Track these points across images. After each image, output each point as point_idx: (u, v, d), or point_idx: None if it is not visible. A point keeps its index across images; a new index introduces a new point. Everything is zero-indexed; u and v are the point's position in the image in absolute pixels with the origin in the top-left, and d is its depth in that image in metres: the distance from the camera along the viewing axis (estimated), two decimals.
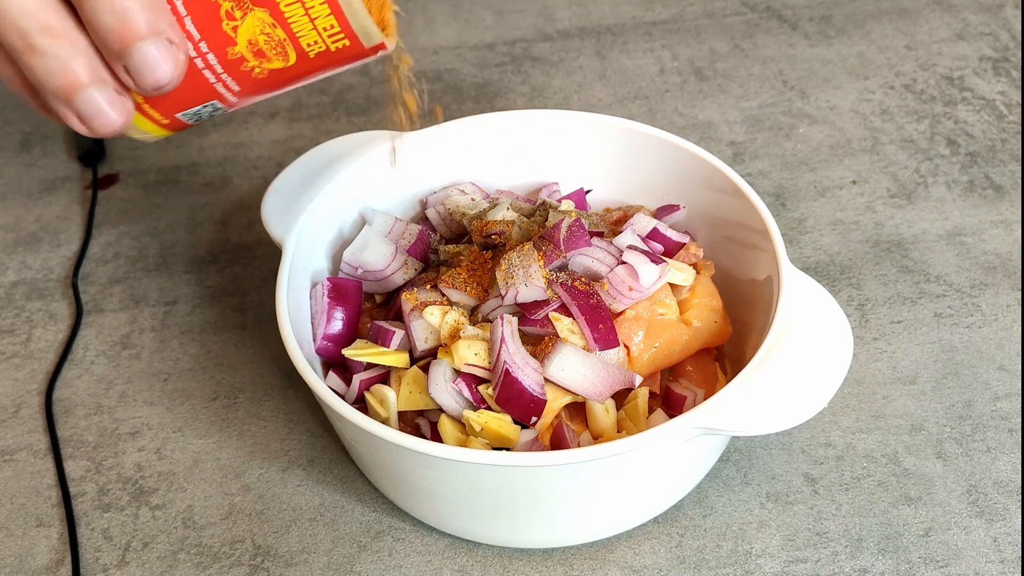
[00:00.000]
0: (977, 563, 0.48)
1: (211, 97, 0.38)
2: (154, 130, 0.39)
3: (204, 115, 0.39)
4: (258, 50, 0.36)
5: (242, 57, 0.36)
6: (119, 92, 0.35)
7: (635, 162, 0.58)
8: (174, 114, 0.38)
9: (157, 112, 0.38)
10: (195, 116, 0.39)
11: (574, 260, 0.49)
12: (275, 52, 0.36)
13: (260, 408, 0.57)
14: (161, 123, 0.39)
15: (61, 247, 0.67)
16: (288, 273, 0.50)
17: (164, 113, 0.38)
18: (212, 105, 0.38)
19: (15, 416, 0.57)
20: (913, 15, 0.86)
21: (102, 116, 0.34)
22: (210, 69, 0.36)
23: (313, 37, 0.36)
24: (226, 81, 0.37)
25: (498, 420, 0.45)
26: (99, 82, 0.34)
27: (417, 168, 0.59)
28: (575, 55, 0.83)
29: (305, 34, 0.36)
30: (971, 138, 0.73)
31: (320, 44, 0.36)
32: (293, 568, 0.49)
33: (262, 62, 0.36)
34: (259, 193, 0.69)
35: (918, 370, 0.57)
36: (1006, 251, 0.64)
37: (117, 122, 0.35)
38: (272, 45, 0.36)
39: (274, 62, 0.37)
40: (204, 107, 0.38)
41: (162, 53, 0.33)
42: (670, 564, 0.48)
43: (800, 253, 0.64)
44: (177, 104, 0.38)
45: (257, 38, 0.36)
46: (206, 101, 0.38)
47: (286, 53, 0.36)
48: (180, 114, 0.38)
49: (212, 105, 0.38)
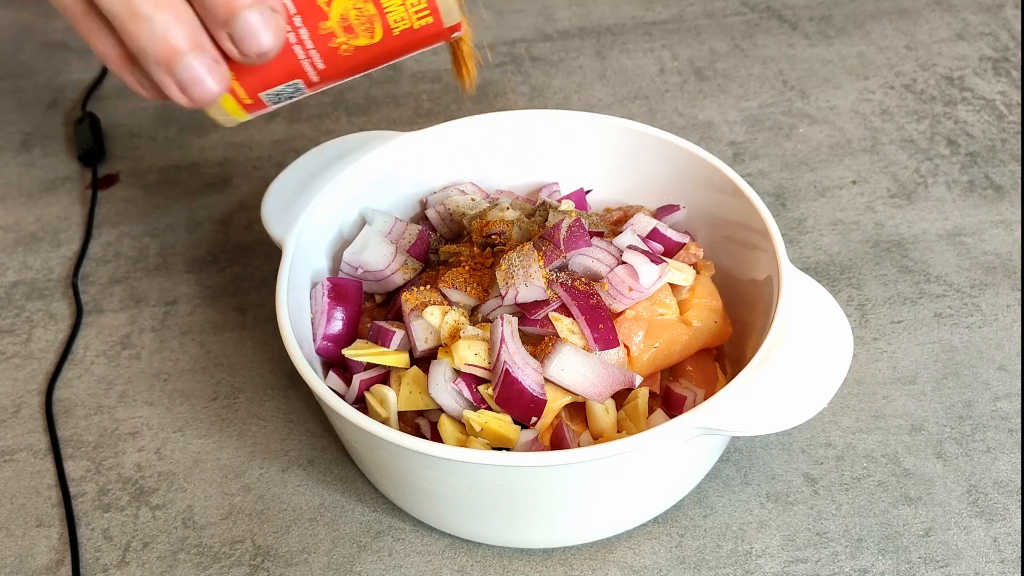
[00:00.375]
0: (977, 563, 0.48)
1: (296, 75, 0.39)
2: (235, 111, 0.40)
3: (284, 96, 0.40)
4: (348, 25, 0.38)
5: (332, 32, 0.38)
6: (217, 60, 0.35)
7: (635, 162, 0.58)
8: (258, 92, 0.40)
9: (243, 89, 0.39)
10: (276, 97, 0.40)
11: (574, 260, 0.49)
12: (363, 28, 0.38)
13: (260, 408, 0.57)
14: (244, 103, 0.40)
15: (61, 247, 0.67)
16: (288, 273, 0.50)
17: (249, 91, 0.39)
18: (295, 85, 0.40)
19: (15, 416, 0.57)
20: (913, 15, 0.86)
21: (201, 83, 0.35)
22: (300, 44, 0.38)
23: (400, 13, 0.38)
24: (313, 58, 0.39)
25: (498, 420, 0.45)
26: (199, 49, 0.35)
27: (417, 168, 0.59)
28: (575, 55, 0.83)
29: (393, 9, 0.38)
30: (971, 138, 0.73)
31: (406, 21, 0.38)
32: (293, 568, 0.49)
33: (350, 38, 0.38)
34: (259, 193, 0.69)
35: (918, 370, 0.57)
36: (1006, 251, 0.64)
37: (214, 90, 0.36)
38: (362, 20, 0.38)
39: (361, 38, 0.38)
40: (287, 86, 0.40)
41: (266, 20, 0.34)
42: (670, 564, 0.48)
43: (800, 253, 0.64)
44: (264, 81, 0.39)
45: (349, 12, 0.38)
46: (292, 79, 0.39)
47: (373, 29, 0.38)
48: (264, 93, 0.40)
49: (295, 85, 0.40)
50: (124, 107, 0.79)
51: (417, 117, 0.77)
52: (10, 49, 0.86)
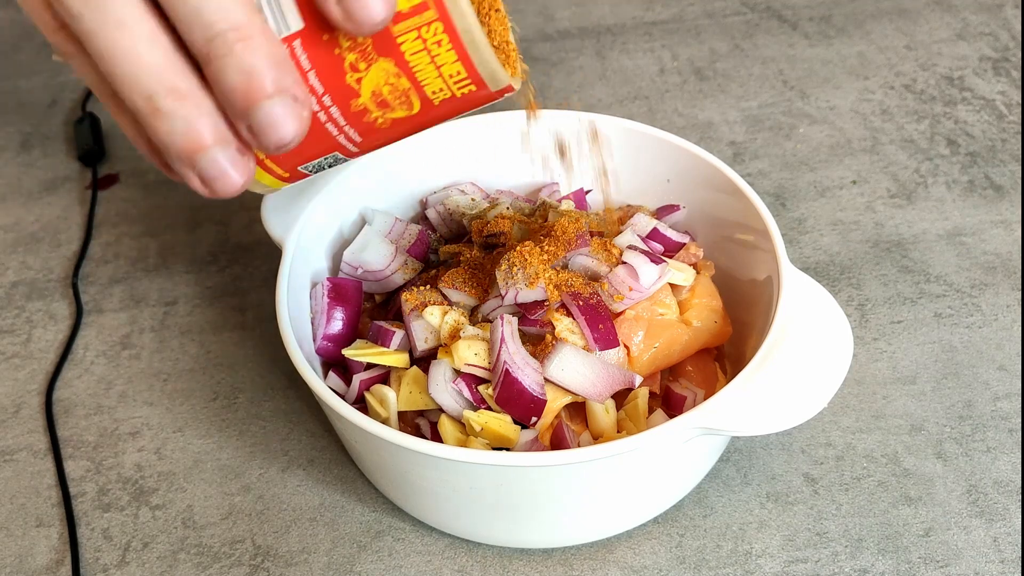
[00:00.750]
0: (977, 563, 0.48)
1: (333, 149, 0.37)
2: (274, 183, 0.39)
3: (325, 166, 0.38)
4: (382, 100, 0.35)
5: (365, 109, 0.35)
6: (241, 152, 0.34)
7: (635, 162, 0.58)
8: (295, 167, 0.38)
9: (278, 167, 0.37)
10: (316, 167, 0.38)
11: (574, 260, 0.49)
12: (399, 102, 0.35)
13: (260, 408, 0.57)
14: (282, 176, 0.38)
15: (61, 247, 0.67)
16: (288, 273, 0.50)
17: (285, 167, 0.38)
18: (333, 156, 0.37)
19: (15, 416, 0.57)
20: (913, 15, 0.86)
21: (225, 177, 0.34)
22: (333, 122, 0.35)
23: (439, 85, 0.34)
24: (348, 133, 0.36)
25: (498, 420, 0.45)
26: (222, 143, 0.33)
27: (417, 168, 0.59)
28: (575, 55, 0.83)
29: (430, 82, 0.34)
30: (971, 138, 0.73)
31: (446, 91, 0.35)
32: (293, 568, 0.49)
33: (385, 112, 0.35)
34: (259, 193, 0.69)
35: (918, 370, 0.57)
36: (1006, 251, 0.64)
37: (239, 182, 0.34)
38: (396, 95, 0.35)
39: (398, 111, 0.35)
40: (325, 159, 0.38)
41: (286, 111, 0.32)
42: (670, 564, 0.48)
43: (800, 253, 0.64)
44: (299, 158, 0.37)
45: (381, 89, 0.34)
46: (328, 153, 0.37)
47: (410, 102, 0.35)
48: (301, 167, 0.38)
49: (333, 156, 0.37)
50: None
51: None
52: (10, 49, 0.86)
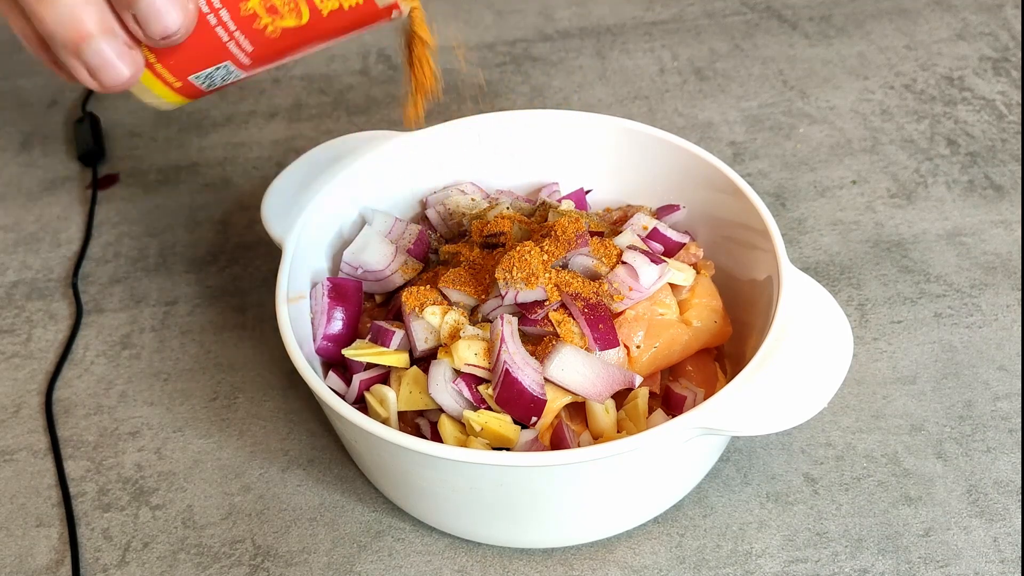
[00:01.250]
0: (977, 563, 0.48)
1: (224, 58, 0.37)
2: (166, 94, 0.38)
3: (217, 79, 0.38)
4: (271, 6, 0.36)
5: (255, 14, 0.36)
6: (129, 45, 0.34)
7: (635, 162, 0.58)
8: (186, 76, 0.38)
9: (169, 73, 0.37)
10: (208, 80, 0.38)
11: (574, 260, 0.49)
12: (288, 8, 0.36)
13: (260, 408, 0.57)
14: (173, 85, 0.38)
15: (61, 247, 0.67)
16: (288, 273, 0.50)
17: (176, 74, 0.37)
18: (225, 67, 0.38)
19: (15, 416, 0.57)
20: (913, 15, 0.86)
21: (110, 68, 0.34)
22: (223, 26, 0.36)
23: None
24: (239, 40, 0.36)
25: (498, 420, 0.45)
26: (108, 33, 0.34)
27: (417, 168, 0.59)
28: (575, 55, 0.83)
29: None
30: (971, 138, 0.73)
31: (333, 1, 0.36)
32: (293, 568, 0.49)
33: (275, 19, 0.36)
34: (259, 193, 0.69)
35: (918, 370, 0.57)
36: (1006, 251, 0.64)
37: (124, 74, 0.34)
38: (285, 1, 0.36)
39: (287, 19, 0.36)
40: (217, 69, 0.38)
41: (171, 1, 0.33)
42: (670, 564, 0.48)
43: (800, 253, 0.64)
44: (189, 64, 0.37)
45: None
46: (219, 62, 0.37)
47: (299, 10, 0.36)
48: (193, 76, 0.38)
49: (225, 67, 0.38)
50: (124, 107, 0.79)
51: None
52: (10, 49, 0.86)
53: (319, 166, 0.56)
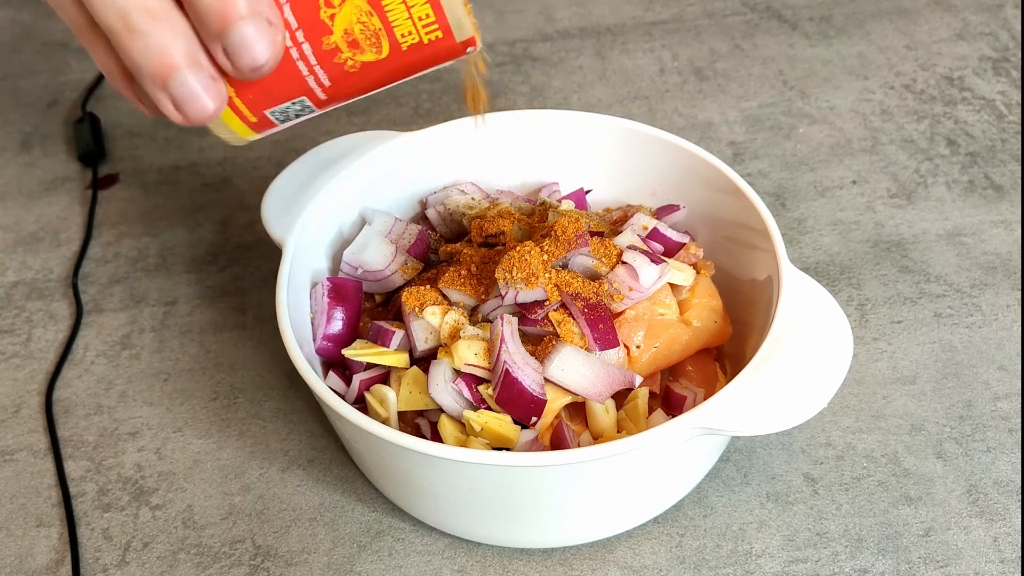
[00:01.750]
0: (977, 563, 0.48)
1: (302, 92, 0.38)
2: (241, 129, 0.39)
3: (292, 115, 0.39)
4: (353, 40, 0.36)
5: (336, 48, 0.36)
6: (214, 77, 0.35)
7: (635, 162, 0.58)
8: (263, 110, 0.38)
9: (247, 107, 0.38)
10: (283, 115, 0.39)
11: (574, 260, 0.49)
12: (369, 43, 0.37)
13: (260, 408, 0.57)
14: (249, 120, 0.39)
15: (61, 247, 0.67)
16: (288, 273, 0.50)
17: (253, 108, 0.38)
18: (301, 102, 0.38)
19: (15, 416, 0.57)
20: (913, 15, 0.86)
21: (196, 100, 0.34)
22: (304, 60, 0.37)
23: (408, 27, 0.36)
24: (318, 74, 0.37)
25: (498, 420, 0.45)
26: (195, 65, 0.34)
27: (417, 168, 0.59)
28: (575, 55, 0.83)
29: (400, 23, 0.36)
30: (971, 138, 0.73)
31: (414, 35, 0.37)
32: (293, 568, 0.49)
33: (355, 53, 0.37)
34: (259, 193, 0.69)
35: (918, 370, 0.57)
36: (1006, 251, 0.64)
37: (210, 107, 0.35)
38: (367, 35, 0.36)
39: (367, 53, 0.37)
40: (293, 103, 0.38)
41: (260, 33, 0.33)
42: (670, 564, 0.48)
43: (800, 253, 0.64)
44: (268, 98, 0.38)
45: (353, 27, 0.36)
46: (297, 96, 0.38)
47: (379, 44, 0.37)
48: (269, 111, 0.38)
49: (301, 102, 0.38)
50: (124, 107, 0.79)
51: (417, 117, 0.77)
52: (10, 49, 0.86)
53: (319, 166, 0.56)
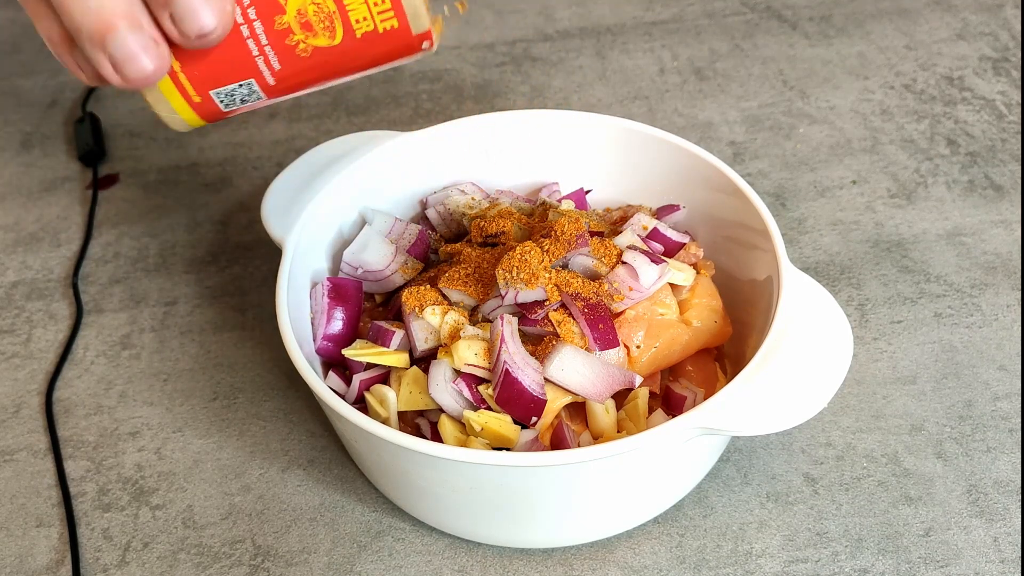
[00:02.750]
0: (977, 563, 0.48)
1: (250, 74, 0.37)
2: (183, 108, 0.38)
3: (238, 99, 0.38)
4: (306, 21, 0.35)
5: (289, 28, 0.35)
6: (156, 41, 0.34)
7: (635, 162, 0.58)
8: (208, 90, 0.37)
9: (191, 84, 0.37)
10: (228, 98, 0.38)
11: (574, 260, 0.49)
12: (323, 25, 0.36)
13: (260, 408, 0.57)
14: (192, 100, 0.38)
15: (61, 247, 0.67)
16: (288, 273, 0.50)
17: (198, 86, 0.37)
18: (249, 85, 0.37)
19: (15, 416, 0.57)
20: (913, 15, 0.86)
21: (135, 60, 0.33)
22: (254, 39, 0.35)
23: (363, 12, 0.36)
24: (268, 55, 0.36)
25: (498, 420, 0.45)
26: (135, 25, 0.33)
27: (417, 168, 0.59)
28: (575, 55, 0.83)
29: (355, 7, 0.35)
30: (971, 138, 0.73)
31: (368, 21, 0.36)
32: (293, 568, 0.49)
33: (308, 36, 0.36)
34: (259, 193, 0.69)
35: (918, 370, 0.57)
36: (1006, 251, 0.64)
37: (149, 67, 0.34)
38: (321, 17, 0.35)
39: (320, 37, 0.36)
40: (241, 86, 0.37)
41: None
42: (670, 564, 0.48)
43: (800, 253, 0.64)
44: (213, 76, 0.37)
45: (307, 7, 0.35)
46: (244, 78, 0.37)
47: (333, 28, 0.36)
48: (214, 91, 0.37)
49: (249, 85, 0.37)
50: (124, 107, 0.79)
51: (417, 117, 0.77)
52: (10, 49, 0.87)
53: (319, 166, 0.56)
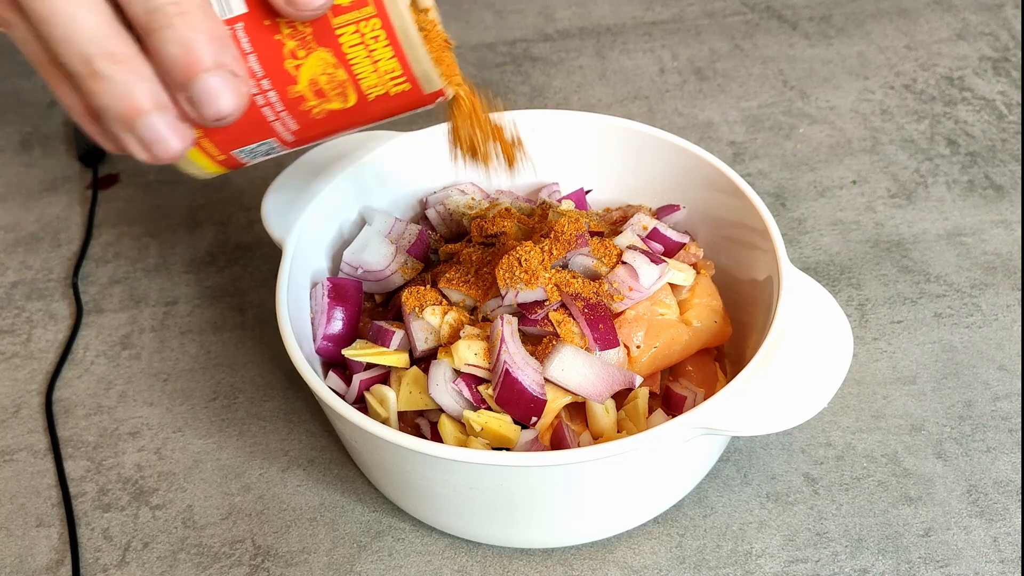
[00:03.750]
0: (977, 563, 0.48)
1: (268, 135, 0.38)
2: (208, 166, 0.39)
3: (259, 153, 0.39)
4: (319, 90, 0.36)
5: (302, 96, 0.36)
6: (181, 118, 0.35)
7: (635, 162, 0.58)
8: (230, 151, 0.38)
9: (214, 147, 0.38)
10: (251, 154, 0.39)
11: (574, 260, 0.49)
12: (335, 93, 0.36)
13: (260, 408, 0.57)
14: (216, 159, 0.39)
15: (61, 247, 0.67)
16: (288, 273, 0.50)
17: (221, 148, 0.38)
18: (268, 144, 0.38)
19: (15, 416, 0.57)
20: (913, 15, 0.86)
21: (163, 142, 0.34)
22: (270, 107, 0.36)
23: (374, 80, 0.36)
24: (285, 120, 0.37)
25: (498, 420, 0.45)
26: (161, 108, 0.34)
27: (417, 168, 0.59)
28: (575, 55, 0.83)
29: (366, 76, 0.36)
30: (971, 138, 0.73)
31: (380, 88, 0.36)
32: (293, 568, 0.49)
33: (322, 103, 0.36)
34: (259, 193, 0.69)
35: (918, 370, 0.57)
36: (1006, 251, 0.64)
37: (177, 147, 0.35)
38: (333, 86, 0.36)
39: (333, 103, 0.37)
40: (260, 145, 0.38)
41: (225, 85, 0.33)
42: (670, 564, 0.48)
43: (800, 253, 0.64)
44: (235, 140, 0.38)
45: (319, 78, 0.36)
46: (263, 139, 0.38)
47: (346, 95, 0.36)
48: (236, 151, 0.38)
49: (268, 144, 0.38)
50: None
51: (417, 117, 0.77)
52: (10, 49, 0.86)
53: (319, 166, 0.56)
